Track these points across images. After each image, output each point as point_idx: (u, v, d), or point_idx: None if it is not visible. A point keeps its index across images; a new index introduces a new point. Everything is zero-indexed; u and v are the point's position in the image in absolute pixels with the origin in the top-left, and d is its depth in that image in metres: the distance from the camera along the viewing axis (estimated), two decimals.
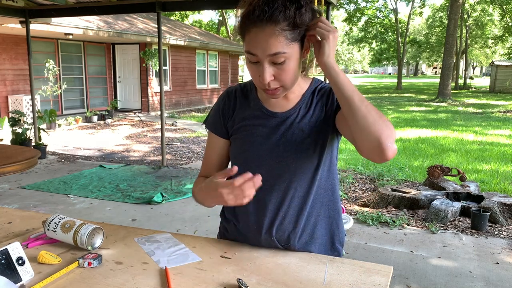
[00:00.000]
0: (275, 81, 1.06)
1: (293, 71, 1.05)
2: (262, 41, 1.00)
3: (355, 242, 3.61)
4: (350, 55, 53.88)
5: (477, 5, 31.59)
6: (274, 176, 1.17)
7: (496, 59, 34.24)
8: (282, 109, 1.19)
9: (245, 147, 1.20)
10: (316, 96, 1.18)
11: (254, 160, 1.19)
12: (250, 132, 1.20)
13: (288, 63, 1.03)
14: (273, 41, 0.99)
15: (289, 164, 1.15)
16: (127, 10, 6.44)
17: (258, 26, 0.99)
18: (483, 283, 2.93)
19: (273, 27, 0.98)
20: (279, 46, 1.00)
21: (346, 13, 34.23)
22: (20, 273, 1.01)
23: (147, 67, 13.10)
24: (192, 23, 34.39)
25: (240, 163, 1.20)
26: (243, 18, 1.02)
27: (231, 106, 1.25)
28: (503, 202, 4.14)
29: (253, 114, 1.21)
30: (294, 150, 1.15)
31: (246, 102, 1.24)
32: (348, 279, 1.04)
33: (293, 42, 1.01)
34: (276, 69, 1.04)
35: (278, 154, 1.16)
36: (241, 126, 1.22)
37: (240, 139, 1.22)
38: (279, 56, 1.01)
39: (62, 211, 4.31)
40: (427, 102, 19.13)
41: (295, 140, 1.15)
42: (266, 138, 1.18)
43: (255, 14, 0.99)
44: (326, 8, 5.29)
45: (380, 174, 5.69)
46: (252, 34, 1.01)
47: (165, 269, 1.06)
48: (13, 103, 10.03)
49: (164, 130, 6.45)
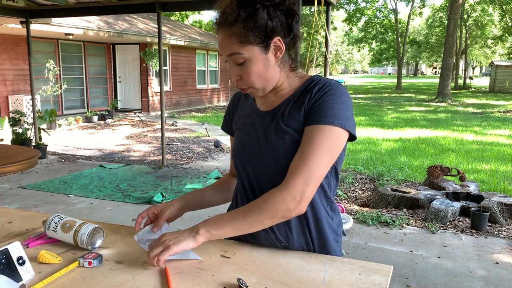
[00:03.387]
0: (242, 81, 1.13)
1: (256, 72, 1.10)
2: (221, 43, 1.10)
3: (355, 242, 3.61)
4: (350, 55, 53.82)
5: (477, 5, 31.58)
6: (261, 175, 1.19)
7: (495, 59, 34.23)
8: (269, 107, 1.21)
9: (237, 145, 1.27)
10: (304, 93, 1.16)
11: (244, 157, 1.24)
12: (242, 131, 1.27)
13: (248, 64, 1.09)
14: (227, 42, 1.08)
15: (271, 163, 1.16)
16: (127, 10, 6.44)
17: (219, 29, 1.09)
18: (483, 283, 2.93)
19: (228, 29, 1.07)
20: (233, 47, 1.07)
21: (346, 13, 34.24)
22: (21, 272, 1.01)
23: (147, 67, 13.11)
24: (192, 23, 34.38)
25: (235, 160, 1.29)
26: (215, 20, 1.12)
27: (234, 107, 1.35)
28: (503, 202, 4.14)
29: (246, 113, 1.28)
30: (277, 148, 1.15)
31: (245, 103, 1.31)
32: (348, 278, 1.04)
33: (249, 44, 1.06)
34: (240, 69, 1.11)
35: (262, 153, 1.18)
36: (238, 125, 1.30)
37: (235, 137, 1.30)
38: (237, 57, 1.08)
39: (63, 211, 4.31)
40: (427, 102, 19.14)
41: (278, 138, 1.15)
42: (253, 136, 1.22)
43: (217, 19, 1.09)
44: (326, 8, 5.29)
45: (380, 174, 5.69)
46: (218, 37, 1.11)
47: (165, 269, 1.06)
48: (14, 103, 10.04)
49: (164, 130, 6.45)
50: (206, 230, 1.08)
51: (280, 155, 1.14)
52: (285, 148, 1.13)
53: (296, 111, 1.14)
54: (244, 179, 1.25)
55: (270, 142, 1.16)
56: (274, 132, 1.16)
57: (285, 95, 1.19)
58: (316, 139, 1.07)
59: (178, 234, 1.09)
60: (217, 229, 1.08)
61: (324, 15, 5.35)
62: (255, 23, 1.05)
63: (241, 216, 1.08)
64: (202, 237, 1.07)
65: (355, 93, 26.26)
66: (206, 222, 1.10)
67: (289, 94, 1.18)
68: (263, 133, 1.19)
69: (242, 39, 1.06)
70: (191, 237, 1.07)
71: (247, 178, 1.23)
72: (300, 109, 1.14)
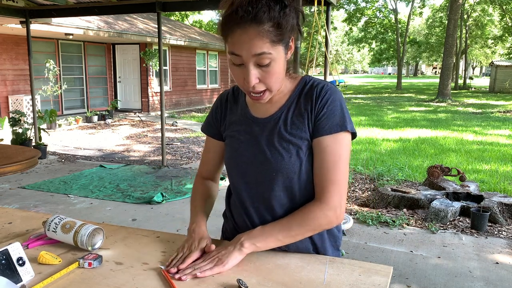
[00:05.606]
0: (260, 84, 1.04)
1: (278, 73, 1.04)
2: (247, 42, 0.98)
3: (355, 242, 3.61)
4: (350, 55, 53.81)
5: (477, 5, 31.57)
6: (259, 183, 1.17)
7: (496, 59, 34.23)
8: (265, 113, 1.17)
9: (231, 154, 1.22)
10: (302, 98, 1.13)
11: (239, 166, 1.19)
12: (235, 138, 1.21)
13: (273, 65, 1.02)
14: (257, 41, 0.97)
15: (270, 170, 1.14)
16: (127, 10, 6.44)
17: (242, 27, 0.97)
18: (483, 283, 2.93)
19: (257, 27, 0.96)
20: (264, 46, 0.98)
21: (346, 13, 34.24)
22: (21, 273, 1.01)
23: (147, 67, 13.11)
24: (192, 23, 34.38)
25: (229, 168, 1.24)
26: (226, 19, 1.00)
27: (223, 110, 1.26)
28: (503, 202, 4.14)
29: (238, 120, 1.22)
30: (274, 157, 1.13)
31: (235, 107, 1.25)
32: (348, 279, 1.04)
33: (277, 43, 1.00)
34: (261, 71, 1.02)
35: (260, 162, 1.15)
36: (229, 131, 1.23)
37: (228, 145, 1.24)
38: (264, 57, 0.99)
39: (63, 211, 4.31)
40: (427, 102, 19.14)
41: (282, 148, 1.12)
42: (248, 144, 1.17)
43: (238, 14, 0.96)
44: (326, 8, 5.29)
45: (380, 174, 5.69)
46: (236, 35, 0.98)
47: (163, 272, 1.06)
48: (14, 103, 10.04)
49: (164, 130, 6.45)
50: (252, 243, 1.09)
51: (284, 165, 1.12)
52: (289, 157, 1.12)
53: (299, 119, 1.12)
54: (241, 189, 1.21)
55: (273, 151, 1.13)
56: (277, 141, 1.13)
57: (280, 100, 1.16)
58: (335, 149, 1.09)
59: (224, 249, 1.10)
60: (261, 241, 1.10)
61: (324, 15, 5.35)
62: (287, 21, 0.99)
63: (286, 230, 1.11)
64: (247, 250, 1.09)
65: (355, 93, 26.26)
66: (250, 235, 1.11)
67: (285, 99, 1.15)
68: (265, 142, 1.15)
69: (274, 38, 0.98)
70: (237, 250, 1.09)
71: (245, 187, 1.19)
72: (302, 117, 1.12)
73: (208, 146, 1.33)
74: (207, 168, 1.35)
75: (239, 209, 1.23)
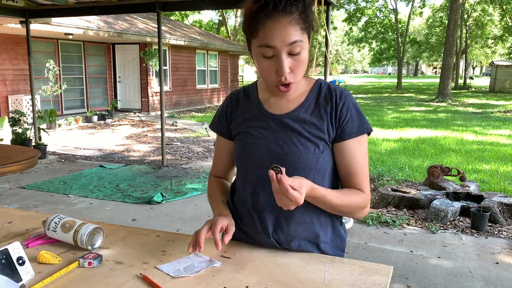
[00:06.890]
0: (291, 74, 1.08)
1: (306, 62, 1.09)
2: (281, 31, 1.02)
3: (355, 242, 3.61)
4: (350, 55, 53.85)
5: (477, 5, 31.58)
6: None
7: (496, 59, 34.23)
8: (280, 110, 1.19)
9: (244, 148, 1.22)
10: (321, 100, 1.17)
11: (253, 161, 1.19)
12: (249, 134, 1.21)
13: (303, 53, 1.06)
14: (290, 29, 1.02)
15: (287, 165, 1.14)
16: (127, 10, 6.44)
17: (274, 18, 1.02)
18: (483, 283, 2.93)
19: (288, 17, 1.02)
20: (296, 34, 1.03)
21: (346, 13, 34.23)
22: (21, 273, 1.01)
23: (147, 67, 13.10)
24: (192, 23, 34.39)
25: (240, 164, 1.24)
26: (255, 13, 1.03)
27: (233, 108, 1.27)
28: (503, 202, 4.14)
29: (253, 116, 1.22)
30: (291, 152, 1.14)
31: (248, 104, 1.26)
32: (348, 279, 1.04)
33: (305, 31, 1.06)
34: (293, 60, 1.06)
35: (276, 156, 1.15)
36: (242, 128, 1.23)
37: (240, 141, 1.23)
38: (296, 45, 1.04)
39: (62, 211, 4.31)
40: (427, 102, 19.14)
41: (300, 145, 1.14)
42: (264, 139, 1.18)
43: (269, 6, 1.01)
44: (326, 8, 5.29)
45: (380, 174, 5.69)
46: (268, 26, 1.02)
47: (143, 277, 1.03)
48: (13, 103, 10.04)
49: (164, 130, 6.45)
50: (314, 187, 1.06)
51: (302, 160, 1.14)
52: (306, 153, 1.14)
53: (318, 120, 1.16)
54: (253, 184, 1.20)
55: (291, 146, 1.15)
56: (295, 137, 1.15)
57: (297, 99, 1.19)
58: (360, 150, 1.17)
59: None
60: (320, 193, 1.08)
61: (324, 15, 5.35)
62: (310, 10, 1.05)
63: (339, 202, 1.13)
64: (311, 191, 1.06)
65: (355, 93, 26.26)
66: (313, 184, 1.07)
67: (302, 98, 1.19)
68: (283, 137, 1.16)
69: (302, 26, 1.04)
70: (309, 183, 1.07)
71: (259, 182, 1.18)
72: (321, 119, 1.16)
73: (219, 145, 1.34)
74: (219, 168, 1.37)
75: (248, 204, 1.22)
